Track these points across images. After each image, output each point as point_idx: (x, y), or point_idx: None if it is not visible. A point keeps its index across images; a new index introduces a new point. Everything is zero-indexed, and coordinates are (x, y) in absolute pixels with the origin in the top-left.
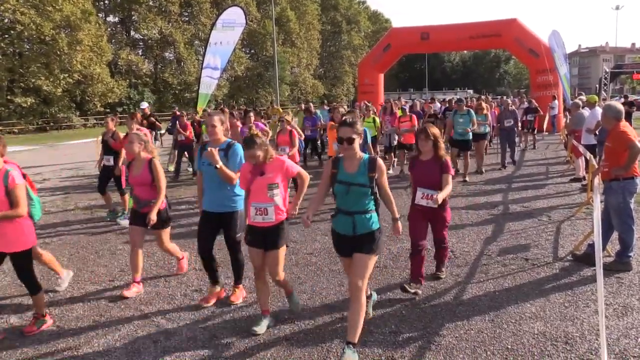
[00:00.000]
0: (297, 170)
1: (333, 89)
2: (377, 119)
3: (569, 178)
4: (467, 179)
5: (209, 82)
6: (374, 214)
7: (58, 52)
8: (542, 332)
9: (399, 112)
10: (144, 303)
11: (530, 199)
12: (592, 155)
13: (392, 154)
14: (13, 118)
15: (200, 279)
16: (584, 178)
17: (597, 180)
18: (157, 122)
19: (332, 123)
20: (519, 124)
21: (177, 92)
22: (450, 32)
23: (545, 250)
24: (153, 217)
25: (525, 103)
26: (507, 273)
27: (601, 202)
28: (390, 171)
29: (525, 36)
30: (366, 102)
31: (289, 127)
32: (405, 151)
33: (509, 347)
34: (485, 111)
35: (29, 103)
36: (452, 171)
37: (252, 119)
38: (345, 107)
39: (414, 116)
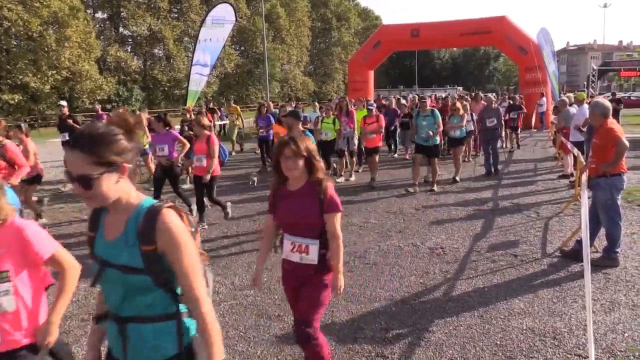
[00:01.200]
0: (52, 253)
1: (323, 85)
2: (337, 120)
3: (558, 175)
4: (435, 188)
5: (199, 79)
6: (172, 324)
7: (46, 49)
8: (531, 327)
9: (356, 111)
10: None
11: (519, 196)
12: (580, 152)
13: (354, 159)
14: (0, 115)
15: None
16: (572, 175)
17: (585, 176)
18: (76, 126)
19: (279, 126)
20: (502, 124)
21: (166, 89)
22: (440, 29)
23: (534, 246)
24: None
25: (507, 101)
26: (496, 269)
27: (589, 198)
28: (352, 178)
29: (514, 33)
30: (343, 99)
31: (207, 132)
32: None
33: (498, 342)
34: (461, 112)
35: (16, 100)
36: (341, 207)
37: (163, 126)
38: (293, 104)
39: (382, 116)
